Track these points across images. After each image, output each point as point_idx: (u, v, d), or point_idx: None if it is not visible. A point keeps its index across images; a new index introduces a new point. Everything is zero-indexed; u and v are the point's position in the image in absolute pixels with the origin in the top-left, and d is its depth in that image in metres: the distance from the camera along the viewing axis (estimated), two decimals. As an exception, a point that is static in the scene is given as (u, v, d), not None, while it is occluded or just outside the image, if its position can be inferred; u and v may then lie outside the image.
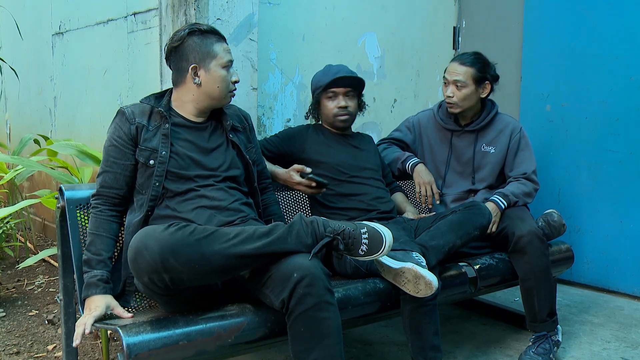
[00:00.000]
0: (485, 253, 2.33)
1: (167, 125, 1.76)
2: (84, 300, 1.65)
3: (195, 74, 1.78)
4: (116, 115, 1.80)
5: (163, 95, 1.86)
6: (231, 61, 1.83)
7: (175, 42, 1.78)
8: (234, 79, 1.84)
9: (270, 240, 1.53)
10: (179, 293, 1.55)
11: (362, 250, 1.60)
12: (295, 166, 2.16)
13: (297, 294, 1.49)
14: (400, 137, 2.66)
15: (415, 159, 2.54)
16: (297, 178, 2.13)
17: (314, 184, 2.12)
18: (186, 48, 1.77)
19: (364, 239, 1.60)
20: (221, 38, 1.83)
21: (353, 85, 2.27)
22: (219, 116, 1.90)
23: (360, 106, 2.36)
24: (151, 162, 1.73)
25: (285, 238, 1.56)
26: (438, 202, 2.48)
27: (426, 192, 2.47)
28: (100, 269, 1.67)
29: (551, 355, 2.22)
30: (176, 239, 1.45)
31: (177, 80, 1.82)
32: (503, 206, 2.36)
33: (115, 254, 1.77)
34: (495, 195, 2.40)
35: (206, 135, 1.84)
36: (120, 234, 1.79)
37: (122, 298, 1.72)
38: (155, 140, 1.75)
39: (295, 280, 1.49)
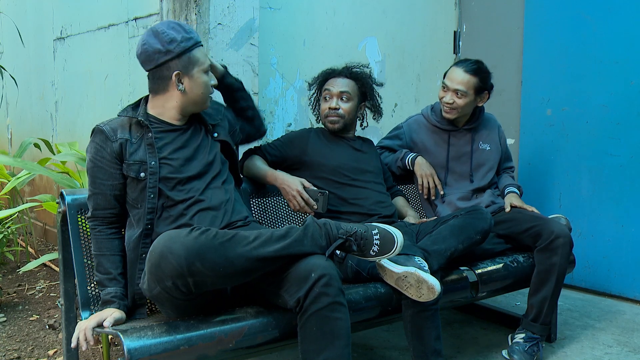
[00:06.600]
0: (506, 249, 2.37)
1: (149, 134, 1.73)
2: None
3: (180, 81, 1.75)
4: (94, 134, 1.74)
5: (139, 105, 1.83)
6: (209, 65, 1.83)
7: None
8: (213, 82, 1.85)
9: (288, 242, 1.56)
10: (196, 298, 1.55)
11: (373, 251, 1.64)
12: (305, 181, 2.15)
13: (313, 293, 1.51)
14: (389, 145, 2.64)
15: (414, 153, 2.54)
16: (300, 187, 2.11)
17: (312, 201, 2.10)
18: None
19: (376, 239, 1.64)
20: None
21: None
22: (197, 117, 1.89)
23: (360, 113, 2.35)
24: (142, 174, 1.70)
25: (301, 240, 1.58)
26: (441, 192, 2.50)
27: (428, 184, 2.49)
28: (113, 286, 1.67)
29: (535, 358, 2.25)
30: (201, 242, 1.46)
31: (158, 88, 1.78)
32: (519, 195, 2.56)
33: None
34: (510, 187, 2.57)
35: (190, 137, 1.83)
36: (124, 248, 1.76)
37: (135, 312, 1.71)
38: (141, 151, 1.72)
39: (313, 279, 1.51)
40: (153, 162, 1.71)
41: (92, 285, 1.78)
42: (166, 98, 1.78)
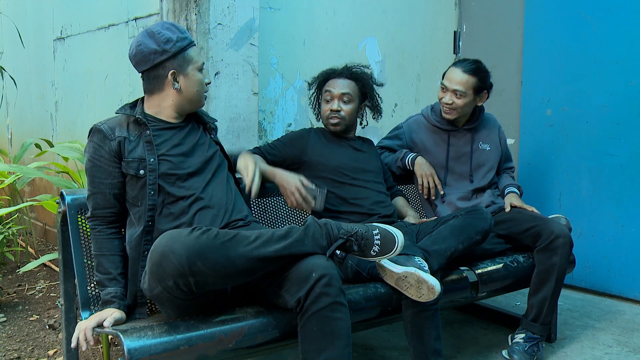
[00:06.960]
0: (506, 249, 2.38)
1: (147, 132, 1.74)
2: None
3: (175, 80, 1.76)
4: (92, 133, 1.75)
5: (136, 104, 1.83)
6: (203, 63, 1.85)
7: None
8: (207, 80, 1.86)
9: (289, 242, 1.56)
10: (197, 298, 1.55)
11: (374, 251, 1.65)
12: (303, 178, 2.15)
13: (314, 293, 1.52)
14: (389, 145, 2.64)
15: (413, 153, 2.55)
16: (299, 184, 2.11)
17: (309, 198, 2.09)
18: None
19: (377, 240, 1.65)
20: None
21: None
22: (195, 116, 1.91)
23: (360, 113, 2.35)
24: (141, 172, 1.70)
25: (302, 240, 1.59)
26: (441, 192, 2.50)
27: (428, 183, 2.49)
28: (113, 286, 1.67)
29: (535, 358, 2.25)
30: (202, 242, 1.46)
31: (154, 87, 1.78)
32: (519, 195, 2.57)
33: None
34: (510, 187, 2.56)
35: (187, 134, 1.84)
36: (124, 247, 1.76)
37: (135, 311, 1.71)
38: (140, 149, 1.72)
39: (314, 279, 1.52)
40: (152, 159, 1.72)
41: (92, 285, 1.78)
42: (162, 97, 1.79)
